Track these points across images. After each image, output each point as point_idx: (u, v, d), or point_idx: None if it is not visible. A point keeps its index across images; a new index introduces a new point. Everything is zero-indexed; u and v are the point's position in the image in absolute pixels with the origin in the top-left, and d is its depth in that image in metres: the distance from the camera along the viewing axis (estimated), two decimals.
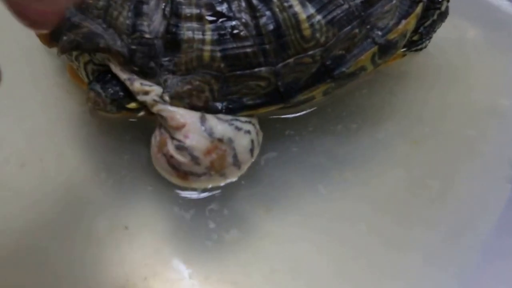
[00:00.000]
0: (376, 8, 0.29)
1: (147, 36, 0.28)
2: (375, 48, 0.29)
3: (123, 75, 0.28)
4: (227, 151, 0.28)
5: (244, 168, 0.30)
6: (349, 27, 0.29)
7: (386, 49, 0.30)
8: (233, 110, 0.29)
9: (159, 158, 0.29)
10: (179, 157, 0.28)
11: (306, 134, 0.35)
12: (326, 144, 0.35)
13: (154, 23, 0.28)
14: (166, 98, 0.28)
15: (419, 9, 0.30)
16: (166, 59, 0.28)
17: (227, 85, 0.28)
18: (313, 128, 0.35)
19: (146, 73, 0.28)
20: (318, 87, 0.29)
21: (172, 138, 0.28)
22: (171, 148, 0.28)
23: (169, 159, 0.28)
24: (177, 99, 0.28)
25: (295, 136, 0.35)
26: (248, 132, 0.29)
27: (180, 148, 0.28)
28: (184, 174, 0.28)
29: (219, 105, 0.28)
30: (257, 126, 0.30)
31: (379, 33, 0.29)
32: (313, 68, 0.29)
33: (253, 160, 0.30)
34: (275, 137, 0.35)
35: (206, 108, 0.28)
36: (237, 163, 0.29)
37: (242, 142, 0.29)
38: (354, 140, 0.35)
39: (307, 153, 0.34)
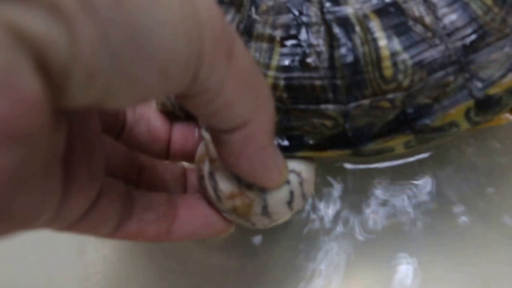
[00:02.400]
0: (481, 54, 0.24)
1: None
2: (470, 102, 0.24)
3: None
4: (256, 200, 0.24)
5: (279, 220, 0.26)
6: (442, 72, 0.24)
7: (485, 106, 0.24)
8: (292, 148, 0.25)
9: (195, 167, 0.26)
10: (207, 183, 0.25)
11: None
12: None
13: None
14: None
15: None
16: None
17: (288, 118, 0.25)
18: None
19: None
20: (394, 138, 0.25)
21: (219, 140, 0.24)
22: (204, 168, 0.25)
23: (199, 177, 0.25)
24: None
25: None
26: (287, 183, 0.25)
27: (210, 177, 0.24)
28: (208, 199, 0.25)
29: (276, 139, 0.25)
30: (305, 175, 0.25)
31: (479, 85, 0.24)
32: (390, 115, 0.24)
33: (292, 212, 0.26)
34: None
35: None
36: (267, 214, 0.25)
37: (277, 194, 0.24)
38: None
39: None
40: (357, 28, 0.24)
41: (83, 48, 0.13)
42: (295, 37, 0.25)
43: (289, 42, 0.25)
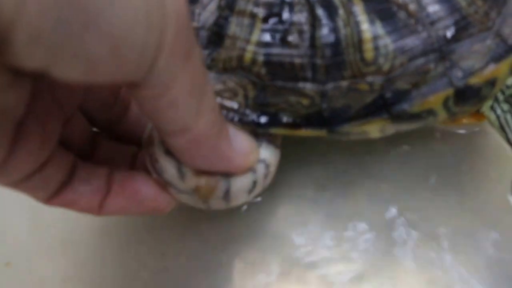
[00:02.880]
0: (463, 44, 0.24)
1: (194, 24, 0.26)
2: (450, 91, 0.24)
3: None
4: (220, 184, 0.24)
5: (234, 205, 0.25)
6: (423, 59, 0.24)
7: (464, 96, 0.24)
8: (266, 124, 0.25)
9: (145, 155, 0.24)
10: (166, 164, 0.23)
11: None
12: None
13: (206, 12, 0.26)
14: None
15: None
16: (206, 52, 0.25)
17: (264, 94, 0.25)
18: None
19: None
20: (371, 122, 0.25)
21: (164, 140, 0.23)
22: (158, 151, 0.23)
23: (154, 162, 0.24)
24: None
25: None
26: (254, 172, 0.24)
27: (170, 155, 0.23)
28: (164, 183, 0.24)
29: (250, 114, 0.25)
30: (272, 169, 0.25)
31: (460, 74, 0.24)
32: (368, 97, 0.24)
33: (247, 200, 0.26)
34: None
35: (235, 115, 0.25)
36: (227, 199, 0.24)
37: (241, 181, 0.24)
38: None
39: None
40: (340, 11, 0.24)
41: (29, 6, 0.13)
42: (277, 15, 0.24)
43: (271, 20, 0.24)
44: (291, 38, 0.24)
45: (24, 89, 0.17)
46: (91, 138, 0.25)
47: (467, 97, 0.24)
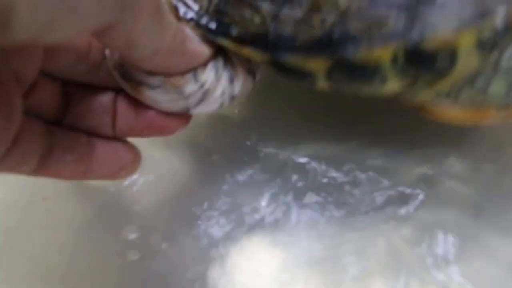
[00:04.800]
0: (438, 9, 0.21)
1: None
2: (400, 45, 0.22)
3: None
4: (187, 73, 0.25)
5: (210, 89, 0.26)
6: (386, 11, 0.22)
7: (414, 58, 0.22)
8: (216, 32, 0.25)
9: (109, 64, 0.25)
10: (135, 71, 0.24)
11: None
12: None
13: None
14: None
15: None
16: None
17: (225, 3, 0.25)
18: None
19: None
20: (313, 59, 0.23)
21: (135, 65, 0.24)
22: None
23: (119, 67, 0.25)
24: None
25: None
26: (215, 60, 0.25)
27: None
28: (135, 84, 0.25)
29: (205, 19, 0.25)
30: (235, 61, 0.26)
31: (417, 32, 0.21)
32: (316, 33, 0.23)
33: (222, 100, 0.26)
34: None
35: (193, 16, 0.25)
36: (200, 84, 0.25)
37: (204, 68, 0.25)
38: None
39: None
40: None
41: None
42: None
43: None
44: None
45: None
46: (62, 101, 0.25)
47: (418, 60, 0.22)
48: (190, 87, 0.25)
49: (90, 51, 0.25)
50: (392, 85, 0.23)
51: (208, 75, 0.25)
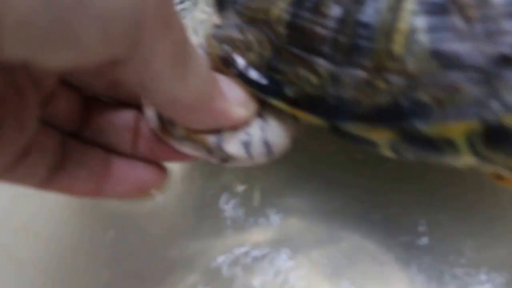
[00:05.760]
0: None
1: None
2: (477, 123, 0.19)
3: None
4: (210, 136, 0.23)
5: (235, 161, 0.23)
6: (460, 74, 0.19)
7: (494, 136, 0.19)
8: (268, 90, 0.22)
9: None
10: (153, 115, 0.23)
11: None
12: None
13: None
14: (211, 31, 0.23)
15: None
16: None
17: (277, 58, 0.22)
18: None
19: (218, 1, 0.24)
20: (378, 129, 0.21)
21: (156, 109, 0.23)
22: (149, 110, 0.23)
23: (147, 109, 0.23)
24: (218, 40, 0.23)
25: None
26: (248, 125, 0.23)
27: None
28: (162, 125, 0.23)
29: (254, 74, 0.22)
30: (272, 122, 0.23)
31: (497, 105, 0.18)
32: (382, 98, 0.20)
33: (251, 160, 0.23)
34: None
35: (242, 70, 0.23)
36: (222, 147, 0.23)
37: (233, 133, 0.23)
38: None
39: None
40: None
41: None
42: None
43: None
44: (321, 5, 0.21)
45: None
46: (82, 113, 0.24)
47: (498, 139, 0.19)
48: (214, 149, 0.23)
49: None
50: (466, 159, 0.20)
51: (234, 146, 0.23)
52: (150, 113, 0.23)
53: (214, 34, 0.23)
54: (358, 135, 0.21)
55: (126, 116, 0.24)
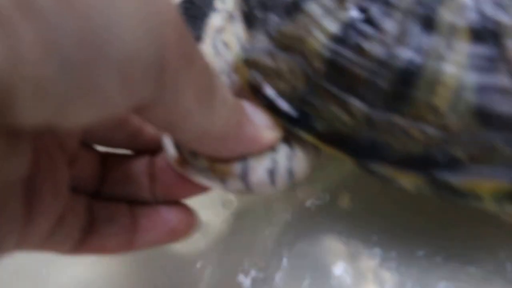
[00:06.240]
0: None
1: None
2: (504, 184, 0.20)
3: None
4: (236, 164, 0.22)
5: (256, 191, 0.23)
6: (500, 134, 0.19)
7: None
8: (297, 122, 0.22)
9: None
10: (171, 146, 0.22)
11: None
12: None
13: None
14: (237, 51, 0.22)
15: None
16: (276, 18, 0.22)
17: (312, 93, 0.21)
18: None
19: (246, 17, 0.23)
20: (405, 174, 0.21)
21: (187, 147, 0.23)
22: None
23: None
24: (247, 65, 0.22)
25: None
26: (273, 150, 0.22)
27: None
28: (181, 159, 0.23)
29: (287, 106, 0.22)
30: (298, 151, 0.23)
31: None
32: (414, 147, 0.20)
33: (274, 188, 0.23)
34: None
35: (271, 99, 0.22)
36: (245, 179, 0.22)
37: (259, 156, 0.22)
38: None
39: None
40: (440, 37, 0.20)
41: (26, 57, 0.11)
42: (363, 9, 0.21)
43: (355, 13, 0.21)
44: (369, 45, 0.20)
45: (26, 150, 0.15)
46: (100, 170, 0.23)
47: None
48: (234, 182, 0.22)
49: (129, 118, 0.23)
50: (491, 208, 0.21)
51: (260, 173, 0.22)
52: (169, 146, 0.22)
53: (243, 58, 0.22)
54: (385, 175, 0.22)
55: (140, 164, 0.24)
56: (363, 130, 0.21)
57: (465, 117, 0.19)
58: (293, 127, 0.22)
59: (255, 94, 0.22)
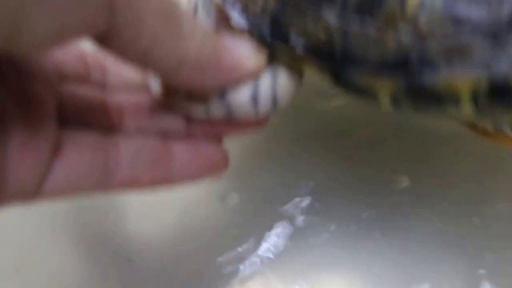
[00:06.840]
0: None
1: None
2: (483, 77, 0.20)
3: None
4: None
5: (238, 116, 0.23)
6: (471, 38, 0.20)
7: (499, 92, 0.20)
8: (273, 43, 0.22)
9: None
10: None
11: None
12: None
13: None
14: None
15: None
16: None
17: (283, 11, 0.22)
18: None
19: None
20: (383, 79, 0.21)
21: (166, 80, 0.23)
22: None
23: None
24: None
25: None
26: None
27: None
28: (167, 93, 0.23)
29: (263, 23, 0.22)
30: (282, 77, 0.23)
31: (504, 63, 0.19)
32: (391, 53, 0.21)
33: (256, 114, 0.23)
34: None
35: (251, 17, 0.22)
36: (226, 102, 0.22)
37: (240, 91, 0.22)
38: None
39: None
40: None
41: None
42: None
43: None
44: None
45: None
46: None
47: (503, 95, 0.20)
48: (216, 104, 0.23)
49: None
50: (465, 111, 0.21)
51: (243, 98, 0.23)
52: (152, 82, 0.23)
53: None
54: (361, 86, 0.22)
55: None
56: (337, 41, 0.21)
57: (434, 20, 0.20)
58: (270, 43, 0.22)
59: (227, 20, 0.22)
